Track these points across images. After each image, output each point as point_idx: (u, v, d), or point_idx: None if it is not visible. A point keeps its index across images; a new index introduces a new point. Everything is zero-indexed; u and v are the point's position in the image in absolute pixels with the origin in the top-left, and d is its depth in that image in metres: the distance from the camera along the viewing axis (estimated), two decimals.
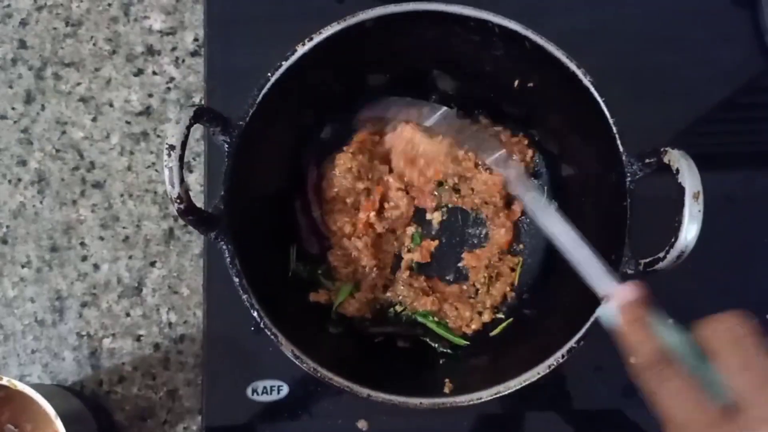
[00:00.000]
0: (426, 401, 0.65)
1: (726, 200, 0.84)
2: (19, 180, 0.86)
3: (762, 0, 0.87)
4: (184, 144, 0.57)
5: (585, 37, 0.82)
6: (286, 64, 0.67)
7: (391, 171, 0.82)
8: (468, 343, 0.78)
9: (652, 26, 0.88)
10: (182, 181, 0.57)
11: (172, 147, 0.57)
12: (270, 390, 0.79)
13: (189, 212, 0.59)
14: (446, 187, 0.82)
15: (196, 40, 0.88)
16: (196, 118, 0.60)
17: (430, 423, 0.77)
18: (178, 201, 0.58)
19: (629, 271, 0.63)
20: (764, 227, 0.84)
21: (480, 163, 0.81)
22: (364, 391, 0.64)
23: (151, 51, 0.88)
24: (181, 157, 0.57)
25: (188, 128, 0.58)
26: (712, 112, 0.87)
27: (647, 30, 0.88)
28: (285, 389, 0.79)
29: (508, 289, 0.80)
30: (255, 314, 0.64)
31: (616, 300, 0.53)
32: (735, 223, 0.82)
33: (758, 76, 0.88)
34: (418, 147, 0.80)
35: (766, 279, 0.83)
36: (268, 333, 0.64)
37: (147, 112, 0.87)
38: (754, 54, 0.88)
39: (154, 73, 0.88)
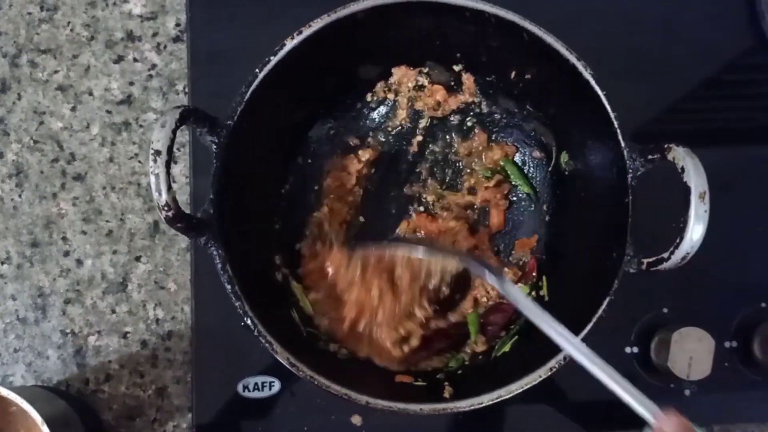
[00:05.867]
0: (426, 407, 0.63)
1: (721, 183, 0.81)
2: None
3: None
4: (170, 149, 0.55)
5: (574, 20, 0.81)
6: (274, 59, 0.64)
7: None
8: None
9: (643, 7, 0.86)
10: (170, 188, 0.55)
11: (158, 152, 0.54)
12: (261, 386, 0.78)
13: (177, 219, 0.56)
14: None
15: (178, 25, 0.85)
16: (182, 120, 0.57)
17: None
18: (166, 209, 0.55)
19: (631, 271, 0.62)
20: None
21: None
22: (363, 398, 0.62)
23: (131, 37, 0.84)
24: (168, 163, 0.55)
25: (174, 131, 0.55)
26: (704, 93, 0.85)
27: (638, 11, 0.85)
28: (277, 385, 0.78)
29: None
30: (249, 322, 0.62)
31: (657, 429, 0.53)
32: (730, 207, 0.80)
33: (751, 57, 0.86)
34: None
35: (759, 263, 0.83)
36: (263, 341, 0.62)
37: (128, 100, 0.84)
38: (747, 36, 0.86)
39: (135, 60, 0.84)
